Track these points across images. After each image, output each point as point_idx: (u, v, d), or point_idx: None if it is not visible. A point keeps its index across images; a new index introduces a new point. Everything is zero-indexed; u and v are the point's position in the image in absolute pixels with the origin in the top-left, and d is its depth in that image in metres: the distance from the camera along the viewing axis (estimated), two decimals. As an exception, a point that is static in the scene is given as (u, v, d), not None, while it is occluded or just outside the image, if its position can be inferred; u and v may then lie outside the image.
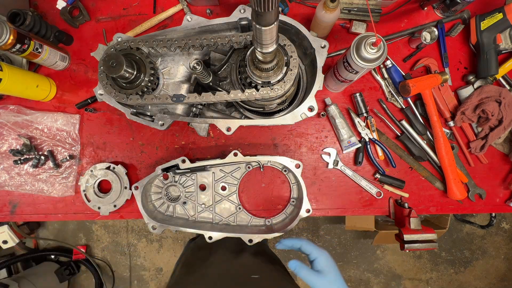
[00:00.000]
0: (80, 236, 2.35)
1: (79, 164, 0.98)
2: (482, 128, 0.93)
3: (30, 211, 0.99)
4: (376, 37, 0.65)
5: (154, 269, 2.36)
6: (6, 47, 0.77)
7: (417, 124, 0.92)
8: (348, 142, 0.93)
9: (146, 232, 2.35)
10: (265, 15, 0.41)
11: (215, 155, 0.97)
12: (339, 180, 0.96)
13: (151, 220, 0.87)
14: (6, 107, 0.95)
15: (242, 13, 0.74)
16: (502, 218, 2.32)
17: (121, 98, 0.73)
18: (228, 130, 0.78)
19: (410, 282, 2.33)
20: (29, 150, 0.95)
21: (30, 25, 0.84)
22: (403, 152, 0.95)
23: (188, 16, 0.76)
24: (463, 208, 0.97)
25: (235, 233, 0.86)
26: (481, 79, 0.92)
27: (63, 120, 0.96)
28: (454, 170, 0.91)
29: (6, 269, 2.08)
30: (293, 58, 0.68)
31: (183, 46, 0.73)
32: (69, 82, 0.98)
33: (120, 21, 0.97)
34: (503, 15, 0.84)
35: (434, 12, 0.94)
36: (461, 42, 0.95)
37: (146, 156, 0.97)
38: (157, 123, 0.77)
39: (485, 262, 2.32)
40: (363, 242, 2.32)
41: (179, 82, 0.81)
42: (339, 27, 0.95)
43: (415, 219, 0.87)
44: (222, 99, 0.72)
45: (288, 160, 0.89)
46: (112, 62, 0.64)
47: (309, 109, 0.75)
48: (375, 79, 0.94)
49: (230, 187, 0.95)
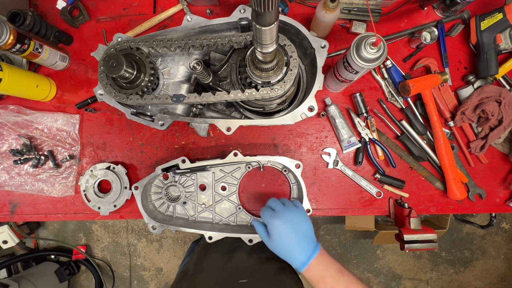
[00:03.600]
0: (80, 236, 2.35)
1: (79, 164, 0.98)
2: (482, 128, 0.93)
3: (30, 211, 0.99)
4: (376, 37, 0.65)
5: (154, 269, 2.36)
6: (6, 47, 0.77)
7: (417, 124, 0.92)
8: (348, 142, 0.93)
9: (146, 232, 2.35)
10: (265, 15, 0.41)
11: (215, 155, 0.97)
12: (339, 180, 0.96)
13: (151, 220, 0.87)
14: (6, 107, 0.96)
15: (242, 13, 0.74)
16: (502, 218, 2.32)
17: (121, 98, 0.73)
18: (228, 130, 0.78)
19: (410, 282, 2.33)
20: (29, 150, 0.95)
21: (30, 25, 0.84)
22: (403, 152, 0.95)
23: (188, 16, 0.76)
24: (463, 208, 0.97)
25: (235, 233, 0.86)
26: (481, 79, 0.92)
27: (63, 120, 0.96)
28: (454, 170, 0.91)
29: (6, 269, 2.08)
30: (293, 58, 0.68)
31: (183, 46, 0.73)
32: (69, 82, 0.98)
33: (120, 21, 0.97)
34: (503, 15, 0.84)
35: (434, 12, 0.94)
36: (461, 42, 0.95)
37: (146, 156, 0.97)
38: (157, 123, 0.77)
39: (485, 262, 2.32)
40: (363, 242, 2.32)
41: (179, 82, 0.81)
42: (339, 27, 0.95)
43: (415, 219, 0.87)
44: (222, 99, 0.72)
45: (288, 160, 0.89)
46: (112, 62, 0.64)
47: (309, 109, 0.75)
48: (375, 79, 0.94)
49: (230, 187, 0.95)
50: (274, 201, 0.73)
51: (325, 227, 2.31)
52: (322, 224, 2.31)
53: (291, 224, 0.67)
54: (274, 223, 0.67)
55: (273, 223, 0.67)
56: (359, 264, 2.32)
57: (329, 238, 2.31)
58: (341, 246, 2.31)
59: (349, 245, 2.32)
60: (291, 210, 0.69)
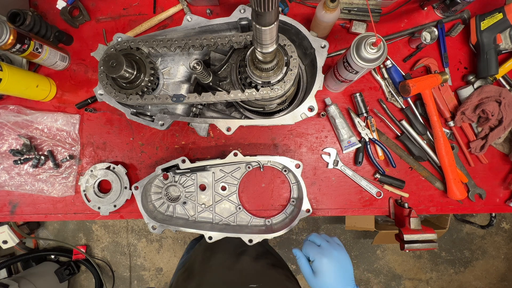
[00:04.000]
0: (80, 236, 2.35)
1: (79, 164, 0.98)
2: (482, 128, 0.93)
3: (30, 211, 0.99)
4: (376, 37, 0.65)
5: (154, 269, 2.36)
6: (6, 47, 0.77)
7: (417, 124, 0.92)
8: (348, 142, 0.93)
9: (146, 232, 2.35)
10: (265, 15, 0.41)
11: (215, 155, 0.97)
12: (339, 180, 0.96)
13: (151, 220, 0.87)
14: (6, 107, 0.96)
15: (242, 13, 0.74)
16: (502, 218, 2.32)
17: (121, 98, 0.73)
18: (228, 130, 0.78)
19: (410, 282, 2.33)
20: (29, 150, 0.95)
21: (30, 25, 0.84)
22: (403, 152, 0.95)
23: (188, 16, 0.76)
24: (463, 208, 0.97)
25: (235, 233, 0.86)
26: (481, 79, 0.92)
27: (63, 120, 0.96)
28: (454, 170, 0.91)
29: (6, 269, 2.08)
30: (293, 58, 0.68)
31: (183, 46, 0.73)
32: (69, 82, 0.98)
33: (120, 21, 0.97)
34: (503, 15, 0.84)
35: (434, 12, 0.94)
36: (461, 42, 0.95)
37: (146, 156, 0.97)
38: (157, 123, 0.77)
39: (485, 262, 2.32)
40: (363, 242, 2.32)
41: (179, 82, 0.81)
42: (339, 27, 0.95)
43: (415, 219, 0.87)
44: (222, 99, 0.72)
45: (288, 160, 0.89)
46: (112, 62, 0.64)
47: (309, 109, 0.75)
48: (375, 79, 0.94)
49: (230, 187, 0.95)
50: (317, 236, 0.72)
51: (325, 227, 2.31)
52: (322, 224, 2.31)
53: (339, 265, 0.65)
54: (322, 261, 0.65)
55: (321, 261, 0.65)
56: (359, 264, 2.32)
57: (329, 238, 2.31)
58: (341, 246, 2.31)
59: (349, 245, 2.32)
60: (337, 249, 0.68)
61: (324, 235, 0.73)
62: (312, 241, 0.71)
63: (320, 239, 0.70)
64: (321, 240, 0.70)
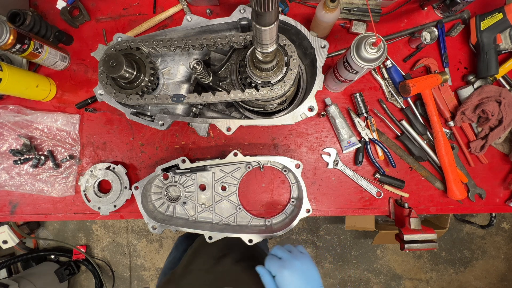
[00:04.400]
0: (80, 236, 2.35)
1: (79, 164, 0.98)
2: (482, 128, 0.93)
3: (30, 211, 0.99)
4: (376, 37, 0.65)
5: (154, 269, 2.36)
6: (6, 47, 0.77)
7: (417, 124, 0.92)
8: (348, 142, 0.93)
9: (146, 232, 2.35)
10: (265, 15, 0.41)
11: (215, 155, 0.97)
12: (339, 180, 0.96)
13: (151, 220, 0.87)
14: (6, 107, 0.96)
15: (242, 13, 0.74)
16: (502, 218, 2.32)
17: (121, 98, 0.73)
18: (228, 130, 0.78)
19: (410, 282, 2.33)
20: (29, 150, 0.95)
21: (30, 25, 0.84)
22: (403, 152, 0.95)
23: (188, 16, 0.76)
24: (463, 208, 0.97)
25: (235, 233, 0.86)
26: (481, 79, 0.92)
27: (63, 120, 0.96)
28: (454, 170, 0.91)
29: (6, 269, 2.08)
30: (293, 58, 0.68)
31: (183, 46, 0.73)
32: (69, 82, 0.98)
33: (120, 21, 0.97)
34: (503, 15, 0.84)
35: (434, 12, 0.94)
36: (461, 42, 0.95)
37: (146, 156, 0.97)
38: (157, 123, 0.77)
39: (485, 262, 2.32)
40: (363, 242, 2.32)
41: (179, 82, 0.81)
42: (339, 27, 0.95)
43: (415, 219, 0.87)
44: (222, 99, 0.72)
45: (288, 160, 0.89)
46: (112, 62, 0.64)
47: (309, 109, 0.75)
48: (375, 79, 0.94)
49: (230, 187, 0.95)
50: (279, 248, 0.69)
51: (325, 227, 2.31)
52: (322, 224, 2.31)
53: (303, 275, 0.63)
54: (283, 274, 0.62)
55: (282, 274, 0.62)
56: (359, 264, 2.32)
57: (329, 238, 2.31)
58: (341, 246, 2.31)
59: (349, 245, 2.31)
60: (299, 259, 0.65)
61: (287, 245, 0.71)
62: (274, 254, 0.68)
63: (281, 251, 0.68)
64: (283, 252, 0.67)
